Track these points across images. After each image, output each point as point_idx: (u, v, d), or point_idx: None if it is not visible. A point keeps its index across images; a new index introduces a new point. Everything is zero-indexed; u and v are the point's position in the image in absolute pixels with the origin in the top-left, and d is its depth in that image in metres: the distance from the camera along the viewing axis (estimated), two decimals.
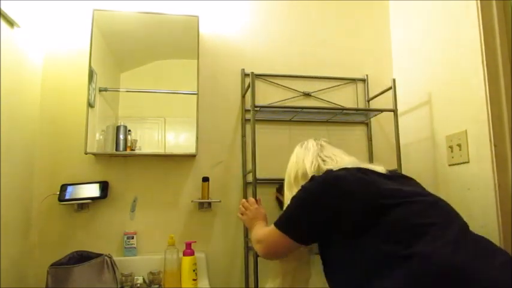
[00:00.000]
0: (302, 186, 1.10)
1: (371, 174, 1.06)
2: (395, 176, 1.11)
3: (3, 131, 1.33)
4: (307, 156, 1.23)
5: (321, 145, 1.27)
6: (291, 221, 1.09)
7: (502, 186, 1.26)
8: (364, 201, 0.97)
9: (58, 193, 1.55)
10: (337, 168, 1.09)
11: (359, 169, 1.07)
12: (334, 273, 1.03)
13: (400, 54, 1.91)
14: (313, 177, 1.10)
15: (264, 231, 1.17)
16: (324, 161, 1.19)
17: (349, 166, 1.09)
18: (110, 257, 1.45)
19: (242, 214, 1.42)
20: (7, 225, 1.36)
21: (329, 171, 1.09)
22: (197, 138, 1.64)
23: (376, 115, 1.85)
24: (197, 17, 1.72)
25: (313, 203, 1.04)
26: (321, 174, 1.11)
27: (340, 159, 1.20)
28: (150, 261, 1.55)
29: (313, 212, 1.03)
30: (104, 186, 1.60)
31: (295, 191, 1.13)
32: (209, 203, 1.68)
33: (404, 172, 1.62)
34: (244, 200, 1.46)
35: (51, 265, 1.36)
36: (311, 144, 1.28)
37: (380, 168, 1.10)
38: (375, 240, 0.90)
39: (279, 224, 1.09)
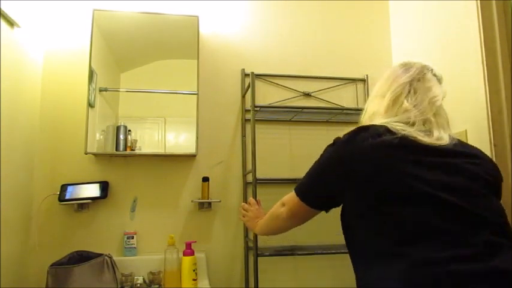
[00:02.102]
0: (324, 149, 0.98)
1: (409, 150, 0.86)
2: (454, 152, 0.89)
3: (3, 131, 1.33)
4: (395, 83, 1.02)
5: (423, 79, 1.03)
6: (307, 188, 1.03)
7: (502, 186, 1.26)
8: (378, 184, 0.85)
9: (58, 193, 1.55)
10: (379, 128, 0.89)
11: (401, 138, 0.86)
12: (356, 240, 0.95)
13: (400, 54, 1.91)
14: (335, 140, 0.96)
15: (287, 195, 1.10)
16: (408, 92, 0.98)
17: (398, 126, 0.89)
18: (110, 257, 1.45)
19: (244, 216, 1.42)
20: (7, 225, 1.36)
21: (360, 132, 0.90)
22: (197, 138, 1.64)
23: None
24: (197, 17, 1.72)
25: (327, 172, 0.96)
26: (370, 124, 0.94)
27: (416, 112, 0.94)
28: (150, 261, 1.55)
29: (328, 181, 0.96)
30: (104, 186, 1.60)
31: (376, 102, 1.04)
32: (209, 203, 1.68)
33: None
34: (244, 203, 1.46)
35: (51, 265, 1.37)
36: (415, 67, 1.07)
37: (435, 139, 0.89)
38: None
39: (297, 190, 1.05)
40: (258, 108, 1.61)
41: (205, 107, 1.73)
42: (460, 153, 0.91)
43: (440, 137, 0.90)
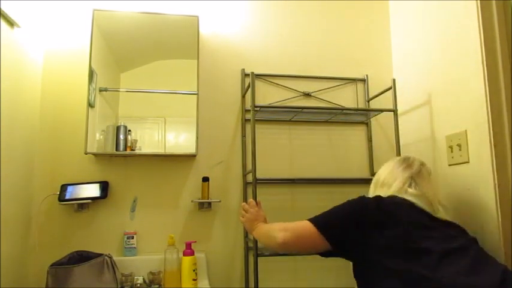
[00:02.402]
0: (347, 200, 1.17)
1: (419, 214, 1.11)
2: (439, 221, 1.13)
3: (3, 131, 1.33)
4: (400, 176, 1.24)
5: (421, 172, 1.25)
6: (331, 221, 1.14)
7: (502, 186, 1.26)
8: (395, 236, 1.04)
9: (58, 193, 1.55)
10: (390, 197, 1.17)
11: (410, 204, 1.13)
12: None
13: (400, 54, 1.91)
14: (362, 197, 1.18)
15: (292, 222, 1.18)
16: (410, 184, 1.21)
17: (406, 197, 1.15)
18: (110, 257, 1.45)
19: (242, 217, 1.42)
20: (7, 225, 1.36)
21: (379, 197, 1.17)
22: (197, 138, 1.64)
23: (376, 115, 1.85)
24: (197, 17, 1.72)
25: (352, 213, 1.12)
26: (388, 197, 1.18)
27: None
28: (150, 261, 1.55)
29: (350, 220, 1.11)
30: (104, 186, 1.60)
31: (378, 191, 1.24)
32: (209, 203, 1.68)
33: None
34: (244, 203, 1.46)
35: (51, 265, 1.37)
36: (416, 164, 1.27)
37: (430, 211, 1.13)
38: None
39: (315, 220, 1.13)
40: (258, 108, 1.61)
41: (205, 107, 1.73)
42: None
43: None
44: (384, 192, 1.22)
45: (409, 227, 1.04)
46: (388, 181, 1.25)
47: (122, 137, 1.61)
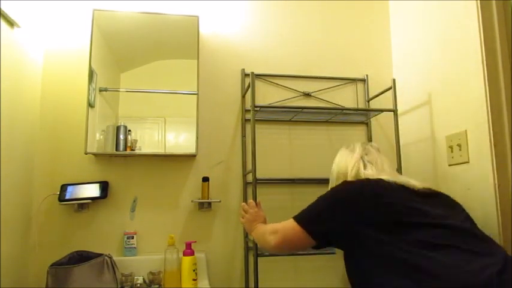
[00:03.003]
0: (330, 189, 1.17)
1: (403, 190, 1.08)
2: (428, 193, 1.11)
3: (3, 131, 1.33)
4: (350, 158, 1.26)
5: (367, 150, 1.28)
6: (311, 216, 1.13)
7: (502, 186, 1.26)
8: (386, 215, 1.01)
9: (58, 193, 1.55)
10: (374, 178, 1.13)
11: (393, 183, 1.10)
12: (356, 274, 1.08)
13: (400, 54, 1.91)
14: (343, 182, 1.17)
15: (280, 223, 1.18)
16: (365, 165, 1.22)
17: (385, 177, 1.12)
18: (110, 257, 1.45)
19: (242, 217, 1.42)
20: (7, 225, 1.36)
21: (362, 180, 1.15)
22: (197, 138, 1.64)
23: (376, 115, 1.85)
24: (197, 17, 1.72)
25: (337, 204, 1.09)
26: (356, 179, 1.18)
27: (381, 167, 1.21)
28: (150, 261, 1.55)
29: (336, 211, 1.08)
30: (104, 186, 1.60)
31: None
32: (209, 203, 1.68)
33: (404, 172, 1.63)
34: (244, 203, 1.46)
35: (51, 265, 1.37)
36: (358, 147, 1.30)
37: (415, 184, 1.11)
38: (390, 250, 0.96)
39: (298, 218, 1.13)
40: (258, 108, 1.61)
41: (205, 107, 1.73)
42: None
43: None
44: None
45: (398, 204, 1.03)
46: (343, 171, 1.25)
47: (122, 137, 1.61)
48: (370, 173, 1.19)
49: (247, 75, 1.79)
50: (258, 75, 1.80)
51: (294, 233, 1.11)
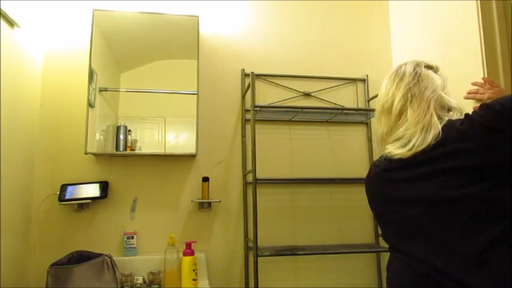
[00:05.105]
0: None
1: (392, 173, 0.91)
2: (418, 165, 0.84)
3: (3, 131, 1.33)
4: (396, 90, 1.00)
5: (419, 75, 1.00)
6: None
7: None
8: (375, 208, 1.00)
9: (58, 193, 1.55)
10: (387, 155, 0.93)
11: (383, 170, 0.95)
12: None
13: (400, 54, 1.91)
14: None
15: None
16: (411, 101, 0.93)
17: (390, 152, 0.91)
18: (110, 257, 1.45)
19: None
20: (7, 225, 1.36)
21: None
22: (197, 138, 1.64)
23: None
24: (197, 17, 1.72)
25: None
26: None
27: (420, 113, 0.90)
28: (150, 261, 1.55)
29: None
30: (104, 186, 1.60)
31: (382, 121, 0.98)
32: (209, 203, 1.68)
33: None
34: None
35: (51, 265, 1.36)
36: (408, 70, 1.04)
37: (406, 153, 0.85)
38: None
39: None
40: (258, 108, 1.61)
41: (205, 107, 1.73)
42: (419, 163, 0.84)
43: (412, 146, 0.85)
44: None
45: None
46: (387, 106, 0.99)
47: (121, 137, 1.61)
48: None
49: (247, 75, 1.79)
50: (258, 75, 1.80)
51: None
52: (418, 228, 0.83)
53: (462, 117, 0.85)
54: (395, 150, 0.89)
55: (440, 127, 0.83)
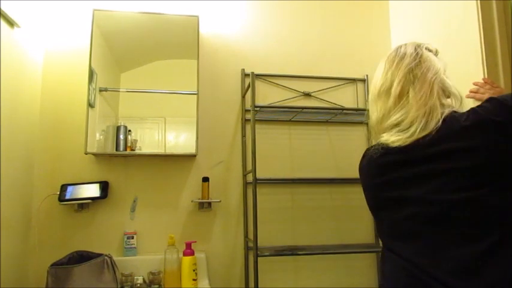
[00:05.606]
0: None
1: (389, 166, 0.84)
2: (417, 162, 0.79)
3: (3, 131, 1.33)
4: (396, 70, 0.95)
5: (420, 56, 0.94)
6: None
7: None
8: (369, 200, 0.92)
9: (58, 193, 1.55)
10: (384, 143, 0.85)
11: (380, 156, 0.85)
12: None
13: None
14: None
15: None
16: (413, 82, 0.87)
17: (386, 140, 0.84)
18: (110, 257, 1.45)
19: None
20: (7, 225, 1.36)
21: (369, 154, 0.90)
22: (197, 138, 1.64)
23: None
24: (197, 17, 1.72)
25: None
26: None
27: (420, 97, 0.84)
28: (150, 261, 1.55)
29: None
30: (104, 186, 1.60)
31: (379, 105, 0.92)
32: (209, 203, 1.68)
33: None
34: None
35: (51, 265, 1.37)
36: (409, 51, 0.97)
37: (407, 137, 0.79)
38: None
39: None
40: (258, 108, 1.61)
41: (205, 107, 1.73)
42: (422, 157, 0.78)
43: (413, 133, 0.79)
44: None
45: None
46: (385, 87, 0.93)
47: (121, 137, 1.61)
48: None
49: (247, 75, 1.79)
50: (258, 75, 1.80)
51: None
52: (410, 230, 0.79)
53: (461, 104, 0.82)
54: (392, 137, 0.82)
55: (440, 115, 0.78)
